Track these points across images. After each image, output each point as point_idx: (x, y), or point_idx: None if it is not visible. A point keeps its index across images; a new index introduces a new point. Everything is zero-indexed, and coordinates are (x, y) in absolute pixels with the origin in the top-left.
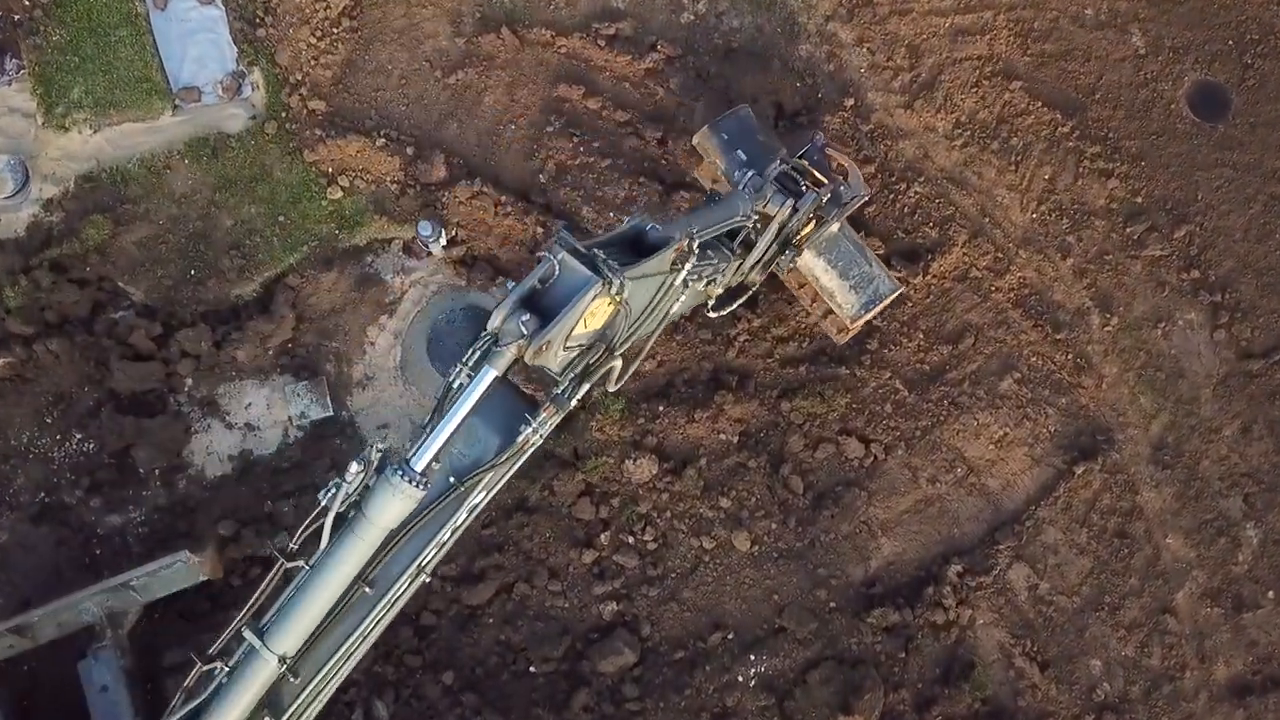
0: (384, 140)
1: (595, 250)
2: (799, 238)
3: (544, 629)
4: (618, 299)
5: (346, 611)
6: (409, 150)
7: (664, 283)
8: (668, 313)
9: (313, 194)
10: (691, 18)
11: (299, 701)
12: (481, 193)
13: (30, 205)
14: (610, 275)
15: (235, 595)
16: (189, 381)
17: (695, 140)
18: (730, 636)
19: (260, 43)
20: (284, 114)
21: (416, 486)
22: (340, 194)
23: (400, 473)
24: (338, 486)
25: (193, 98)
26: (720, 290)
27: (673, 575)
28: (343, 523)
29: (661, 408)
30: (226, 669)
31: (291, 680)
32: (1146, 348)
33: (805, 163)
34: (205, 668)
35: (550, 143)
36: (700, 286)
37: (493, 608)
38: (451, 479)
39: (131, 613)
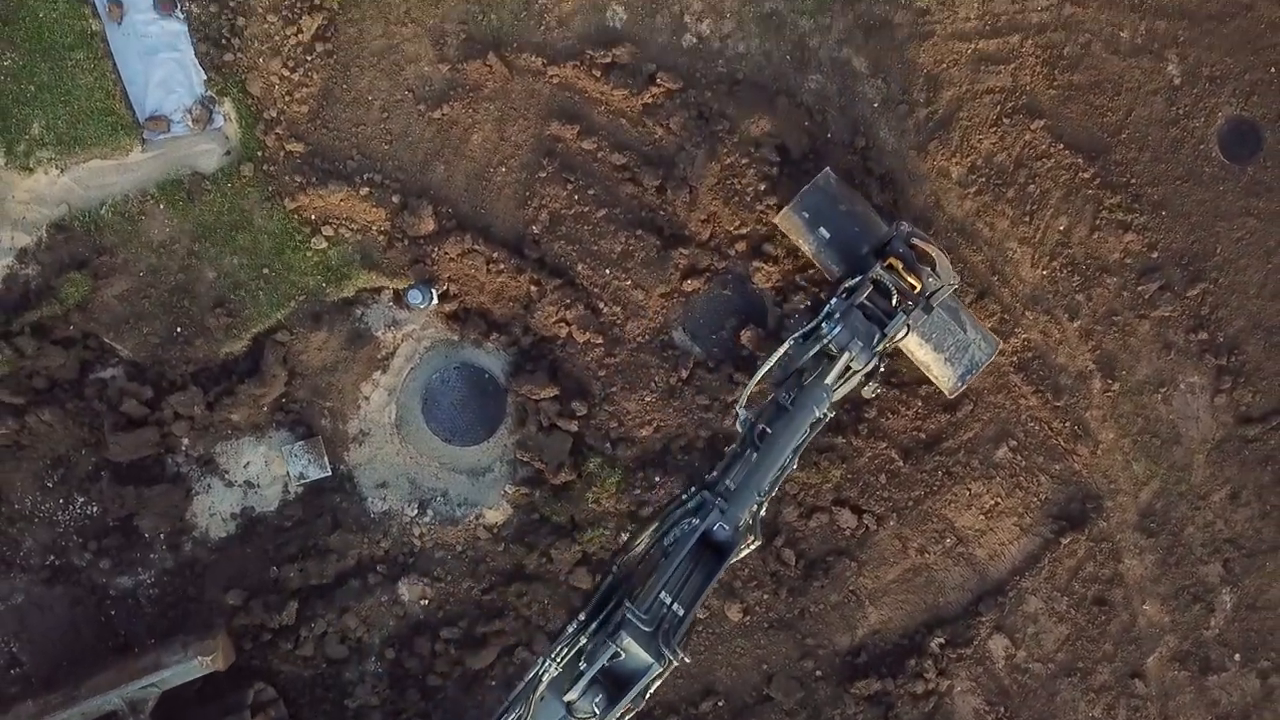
0: (368, 188)
1: (662, 596)
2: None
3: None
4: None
5: None
6: (395, 199)
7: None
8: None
9: (296, 244)
10: (694, 40)
11: None
12: (473, 249)
13: (2, 255)
14: (670, 656)
15: (248, 662)
16: (185, 441)
17: (778, 221)
18: (720, 704)
19: (229, 68)
20: (260, 153)
21: None
22: (325, 244)
23: None
24: None
25: (161, 127)
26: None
27: None
28: None
29: (657, 477)
30: None
31: None
32: (1145, 413)
33: (892, 266)
34: None
35: (543, 189)
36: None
37: (494, 670)
38: None
39: (151, 700)
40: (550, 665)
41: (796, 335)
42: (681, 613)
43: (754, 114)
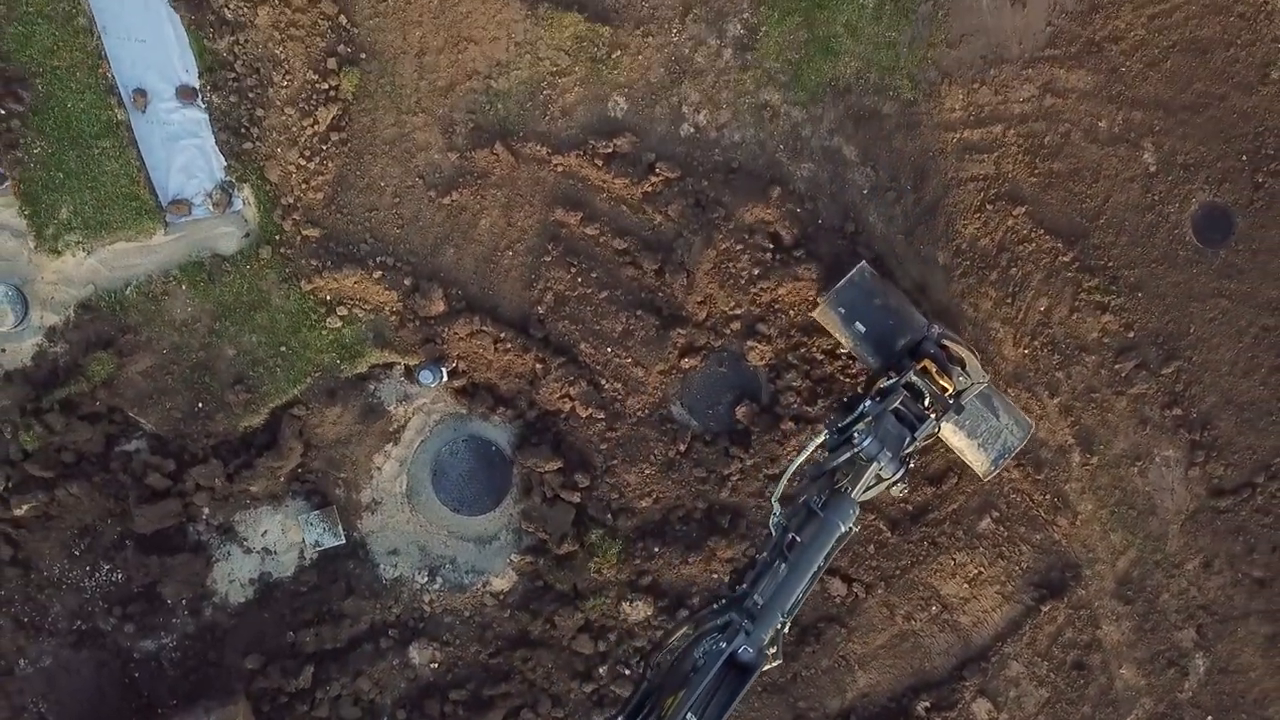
0: (381, 271)
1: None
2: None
3: None
4: None
5: None
6: (406, 281)
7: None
8: None
9: (312, 323)
10: (692, 130)
11: None
12: (481, 330)
13: (33, 334)
14: None
15: None
16: (206, 511)
17: (816, 315)
18: None
19: (248, 156)
20: (278, 237)
21: None
22: (340, 323)
23: None
24: None
25: (183, 211)
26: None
27: None
28: None
29: (657, 548)
30: None
31: None
32: (1122, 485)
33: (926, 370)
34: None
35: (548, 272)
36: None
37: None
38: None
39: None
40: None
41: (833, 430)
42: None
43: (748, 202)
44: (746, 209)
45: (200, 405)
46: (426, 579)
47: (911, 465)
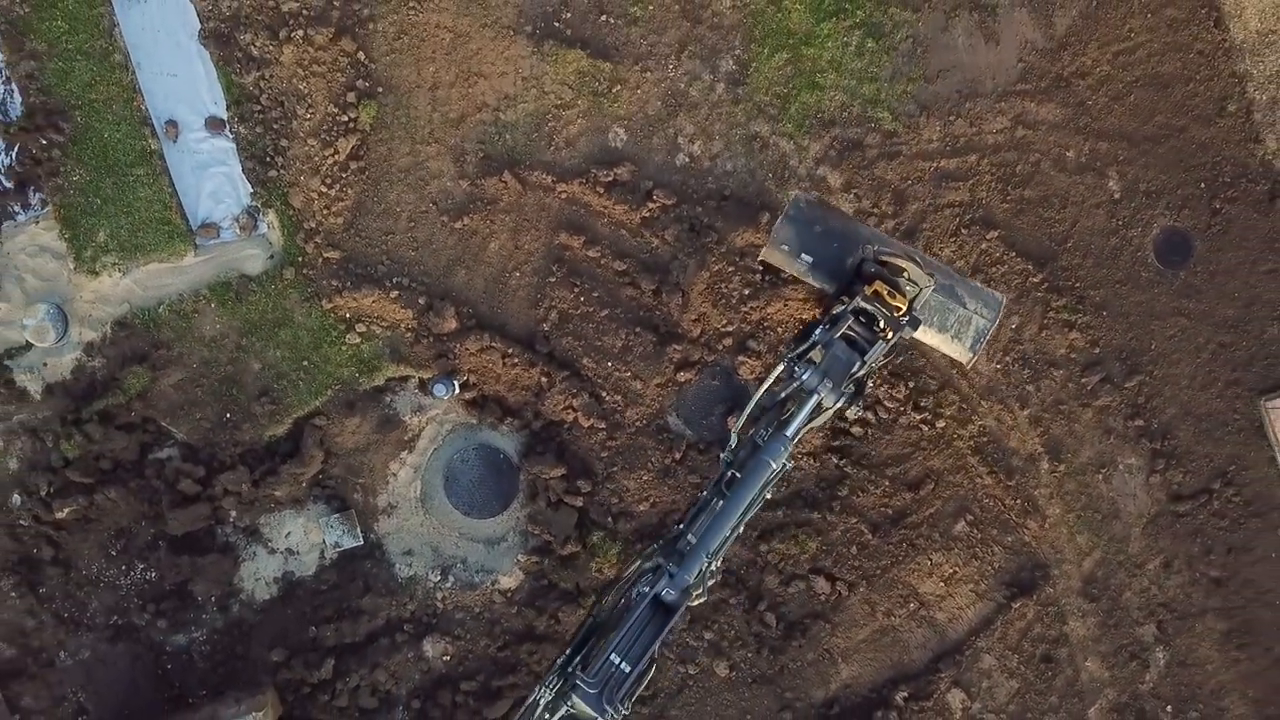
0: (397, 291)
1: (612, 658)
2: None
3: None
4: None
5: None
6: (420, 300)
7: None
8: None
9: (332, 339)
10: (687, 159)
11: None
12: (490, 346)
13: (72, 349)
14: (612, 712)
15: (290, 712)
16: (233, 514)
17: (763, 257)
18: None
19: (272, 183)
20: (300, 259)
21: None
22: (358, 340)
23: None
24: None
25: (212, 235)
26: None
27: (662, 695)
28: None
29: (652, 550)
30: None
31: None
32: (1088, 491)
33: (878, 293)
34: None
35: (553, 292)
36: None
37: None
38: None
39: None
40: (545, 691)
41: (789, 356)
42: (628, 670)
43: (739, 227)
44: (738, 234)
45: (228, 416)
46: (439, 578)
47: (869, 387)
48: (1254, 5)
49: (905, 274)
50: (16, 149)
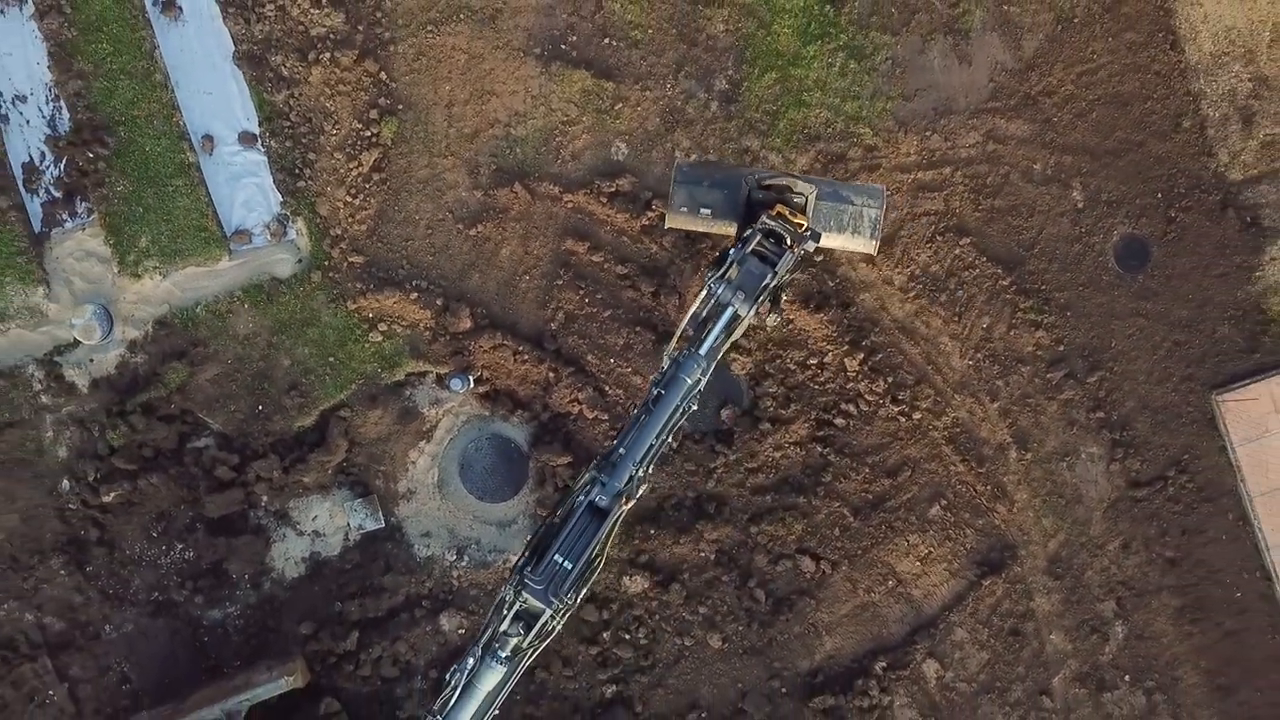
0: (416, 293)
1: (555, 558)
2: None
3: (559, 707)
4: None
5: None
6: (438, 302)
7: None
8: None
9: (356, 337)
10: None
11: None
12: (502, 344)
13: (117, 347)
14: (557, 602)
15: (317, 680)
16: (265, 499)
17: (669, 225)
18: (703, 716)
19: (301, 193)
20: (327, 263)
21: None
22: (380, 338)
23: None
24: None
25: (245, 240)
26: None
27: (660, 665)
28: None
29: (652, 531)
30: None
31: None
32: (1053, 478)
33: (780, 212)
34: None
35: (560, 294)
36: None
37: (520, 688)
38: None
39: (243, 712)
40: (510, 591)
41: (711, 279)
42: (570, 567)
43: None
44: (730, 240)
45: (260, 408)
46: (454, 557)
47: (784, 296)
48: (1207, 29)
49: (789, 189)
50: (65, 161)
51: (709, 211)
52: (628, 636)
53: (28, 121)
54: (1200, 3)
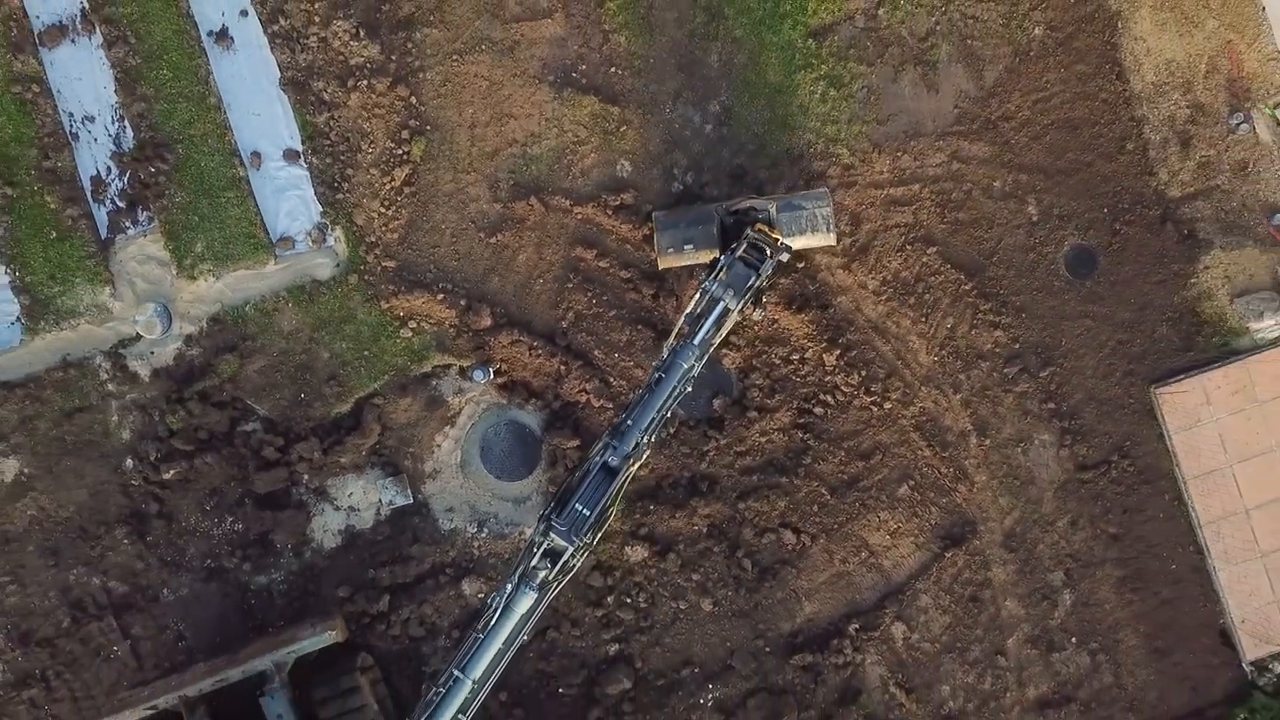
0: (442, 294)
1: (576, 506)
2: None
3: (568, 662)
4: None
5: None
6: (461, 302)
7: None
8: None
9: (389, 333)
10: (680, 187)
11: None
12: (518, 340)
13: (175, 341)
14: (579, 541)
15: (353, 638)
16: (306, 477)
17: (662, 267)
18: (696, 671)
19: (339, 204)
20: (362, 267)
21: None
22: (410, 334)
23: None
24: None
25: (289, 246)
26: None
27: (657, 626)
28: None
29: (652, 506)
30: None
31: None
32: (1009, 461)
33: (759, 229)
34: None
35: (570, 296)
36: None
37: (533, 647)
38: None
39: (289, 663)
40: (537, 534)
41: (704, 281)
42: (588, 514)
43: None
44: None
45: (302, 396)
46: (475, 530)
47: (764, 297)
48: (1149, 62)
49: (754, 209)
50: (129, 175)
51: (691, 246)
52: (629, 600)
53: (95, 139)
54: (1143, 38)
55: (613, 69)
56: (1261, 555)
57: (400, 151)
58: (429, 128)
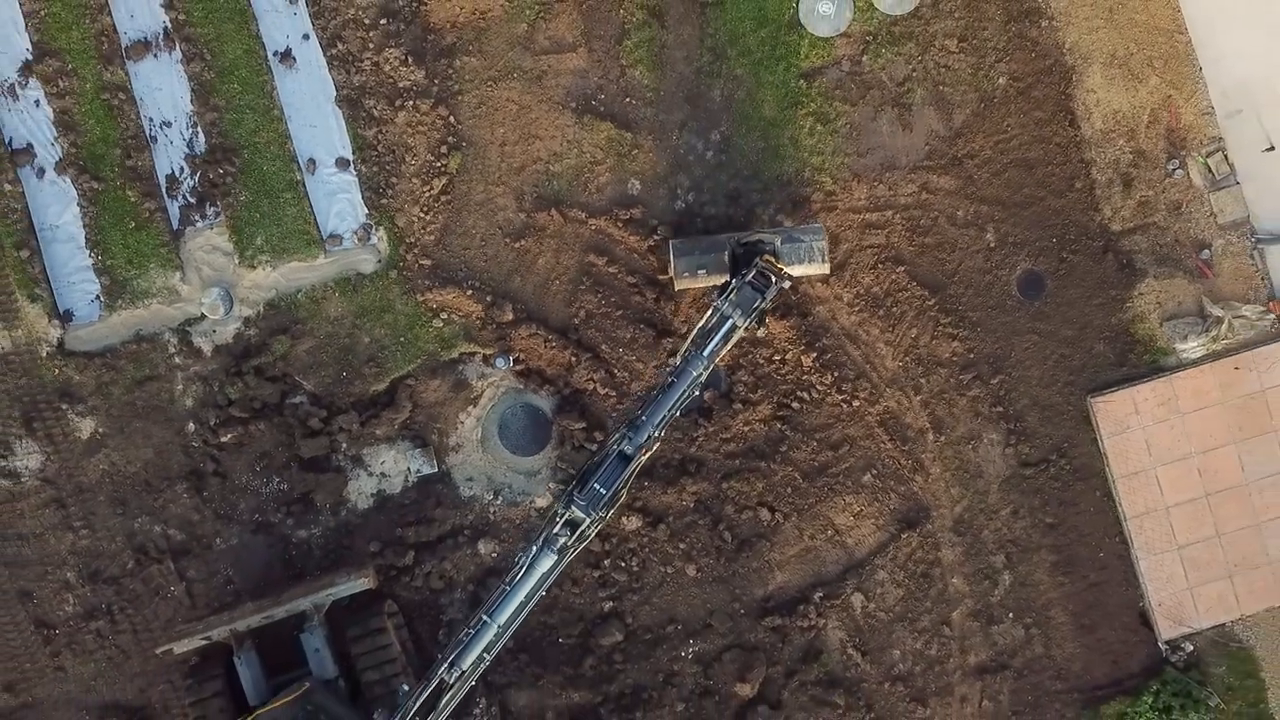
0: (471, 291)
1: (594, 485)
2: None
3: (568, 616)
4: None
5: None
6: (487, 298)
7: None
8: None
9: (422, 323)
10: (683, 205)
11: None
12: (536, 333)
13: (233, 322)
14: (597, 514)
15: (380, 588)
16: (345, 446)
17: (679, 288)
18: (679, 628)
19: (383, 208)
20: (401, 264)
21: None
22: (441, 324)
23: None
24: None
25: (337, 243)
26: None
27: (647, 587)
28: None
29: (646, 483)
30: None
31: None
32: (961, 456)
33: (767, 259)
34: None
35: (582, 296)
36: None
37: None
38: None
39: (326, 605)
40: (559, 507)
41: (717, 301)
42: (605, 492)
43: None
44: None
45: (344, 374)
46: (491, 498)
47: (767, 315)
48: (1099, 111)
49: (761, 242)
50: (199, 175)
51: (704, 271)
52: (623, 564)
53: (171, 142)
54: (1094, 90)
55: (628, 99)
56: (1178, 547)
57: (439, 164)
58: (465, 144)
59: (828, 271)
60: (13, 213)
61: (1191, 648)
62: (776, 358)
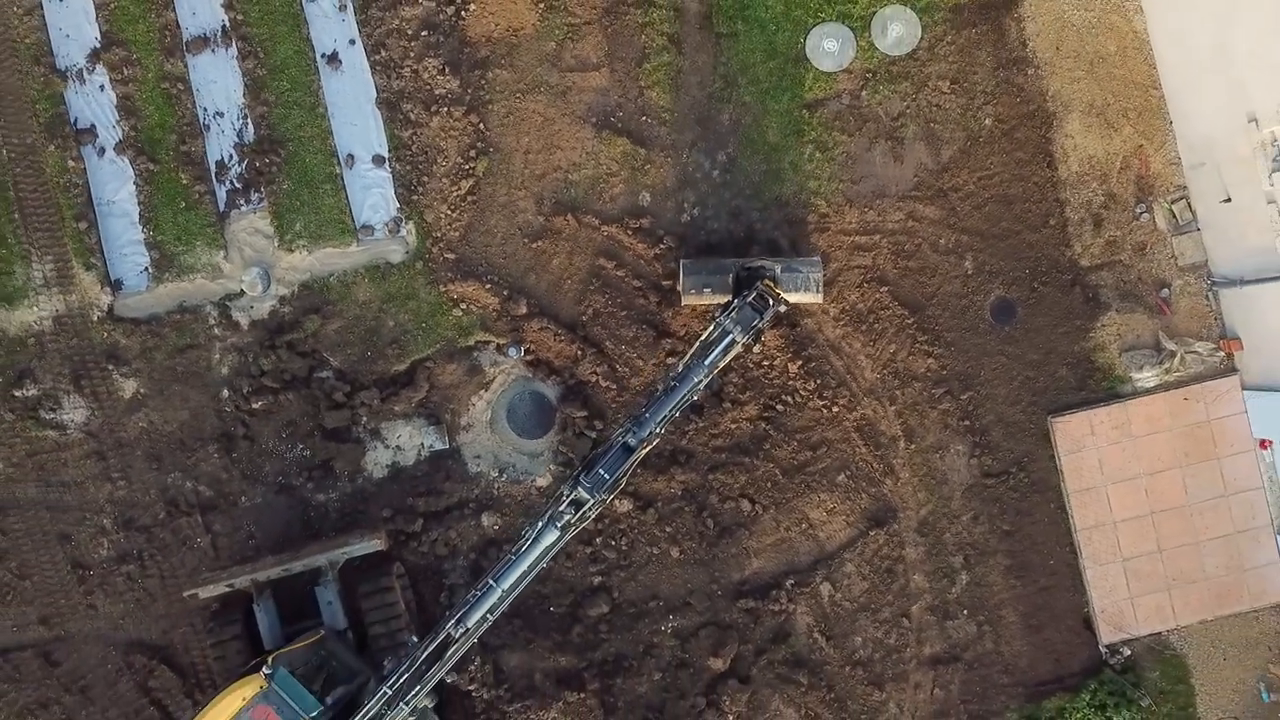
0: (489, 285)
1: (599, 469)
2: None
3: (560, 587)
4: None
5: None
6: (504, 293)
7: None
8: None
9: (443, 311)
10: (688, 218)
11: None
12: (546, 327)
13: (270, 300)
14: (600, 495)
15: (390, 551)
16: (365, 419)
17: (685, 303)
18: (661, 604)
19: (413, 204)
20: (427, 256)
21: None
22: (460, 314)
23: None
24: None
25: (369, 233)
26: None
27: (634, 565)
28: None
29: (638, 470)
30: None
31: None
32: (929, 464)
33: (767, 283)
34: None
35: (591, 296)
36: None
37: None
38: None
39: (340, 562)
40: (566, 487)
41: (719, 318)
42: (609, 477)
43: None
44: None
45: (368, 354)
46: (497, 474)
47: (763, 335)
48: (1075, 155)
49: (764, 267)
50: (246, 163)
51: (709, 290)
52: (613, 543)
53: (223, 132)
54: (1072, 135)
55: (644, 117)
56: (1123, 559)
57: (467, 166)
58: (492, 150)
59: (821, 300)
60: (74, 187)
61: (1129, 652)
62: (765, 363)
